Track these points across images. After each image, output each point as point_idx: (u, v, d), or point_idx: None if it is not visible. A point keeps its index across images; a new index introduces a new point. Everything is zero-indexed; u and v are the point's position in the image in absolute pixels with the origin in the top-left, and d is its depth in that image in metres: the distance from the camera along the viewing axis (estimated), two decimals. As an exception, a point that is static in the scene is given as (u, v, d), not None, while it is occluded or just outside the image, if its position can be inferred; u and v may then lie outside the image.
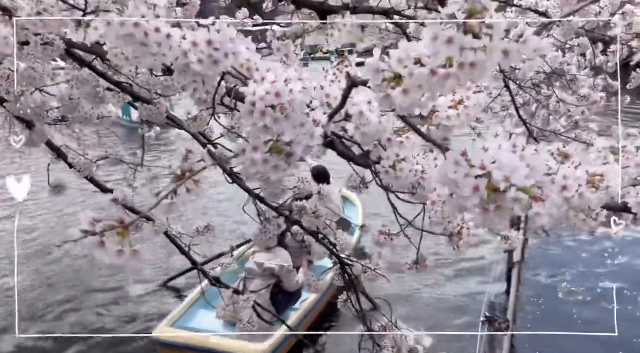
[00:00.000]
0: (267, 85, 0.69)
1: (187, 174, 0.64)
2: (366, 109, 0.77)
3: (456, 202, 0.56)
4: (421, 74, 0.57)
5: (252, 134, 0.70)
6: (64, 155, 1.85)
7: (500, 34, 0.54)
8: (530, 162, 0.61)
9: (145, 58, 0.67)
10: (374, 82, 0.61)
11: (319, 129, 0.74)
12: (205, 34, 0.69)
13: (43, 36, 1.41)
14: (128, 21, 0.63)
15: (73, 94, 1.61)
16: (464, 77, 0.55)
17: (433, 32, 0.55)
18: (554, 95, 2.31)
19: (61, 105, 1.63)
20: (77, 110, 1.68)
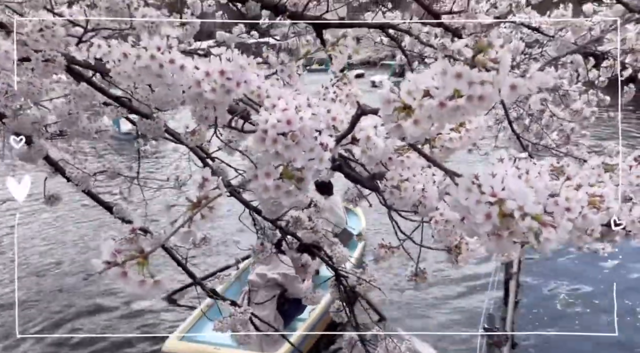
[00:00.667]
0: (279, 113, 0.71)
1: (203, 202, 0.65)
2: (373, 134, 0.79)
3: (468, 227, 0.58)
4: (430, 105, 0.59)
5: (264, 160, 0.72)
6: (62, 169, 1.85)
7: (506, 67, 0.57)
8: (534, 185, 0.63)
9: (160, 88, 0.69)
10: (384, 112, 0.63)
11: (327, 153, 0.76)
12: (218, 64, 0.71)
13: (44, 52, 1.42)
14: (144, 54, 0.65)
15: (71, 108, 1.61)
16: (472, 109, 0.58)
17: (442, 66, 0.58)
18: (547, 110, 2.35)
19: (59, 120, 1.64)
20: (75, 125, 1.68)
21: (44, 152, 1.67)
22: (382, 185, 0.89)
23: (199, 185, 0.69)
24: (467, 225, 0.57)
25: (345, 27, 2.87)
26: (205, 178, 0.67)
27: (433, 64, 0.60)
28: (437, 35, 2.72)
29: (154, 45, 0.68)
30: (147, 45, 0.68)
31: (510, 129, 2.11)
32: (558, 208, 0.60)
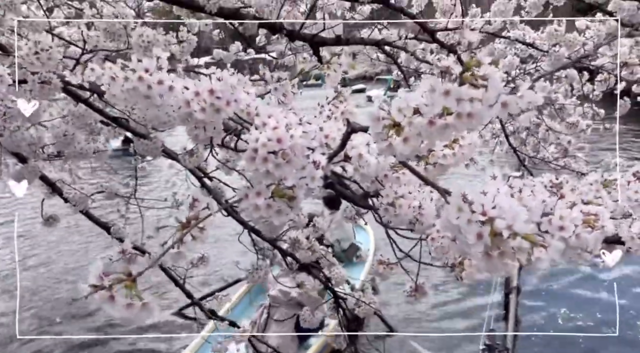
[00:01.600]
0: (269, 132, 0.70)
1: (193, 222, 0.64)
2: (365, 151, 0.78)
3: (460, 247, 0.57)
4: (420, 123, 0.59)
5: (254, 179, 0.71)
6: (59, 190, 1.85)
7: (496, 85, 0.56)
8: (527, 204, 0.63)
9: (149, 109, 0.69)
10: (374, 130, 0.63)
11: (319, 171, 0.75)
12: (207, 83, 0.71)
13: (40, 75, 1.43)
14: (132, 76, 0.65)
15: (68, 129, 1.61)
16: (462, 127, 0.57)
17: (430, 83, 0.57)
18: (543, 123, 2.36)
19: (56, 142, 1.64)
20: (71, 146, 1.68)
21: (37, 173, 1.66)
22: (378, 203, 0.89)
23: (189, 205, 0.68)
24: (458, 245, 0.56)
25: (341, 44, 2.91)
26: (195, 198, 0.67)
27: (422, 81, 0.60)
28: (433, 51, 2.74)
29: (141, 67, 0.68)
30: (135, 66, 0.68)
31: (507, 142, 2.11)
32: (552, 227, 0.59)
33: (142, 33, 1.45)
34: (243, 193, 0.71)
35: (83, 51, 1.44)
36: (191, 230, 0.64)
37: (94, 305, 0.54)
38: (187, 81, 0.73)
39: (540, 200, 0.62)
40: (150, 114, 0.72)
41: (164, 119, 0.77)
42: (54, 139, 1.61)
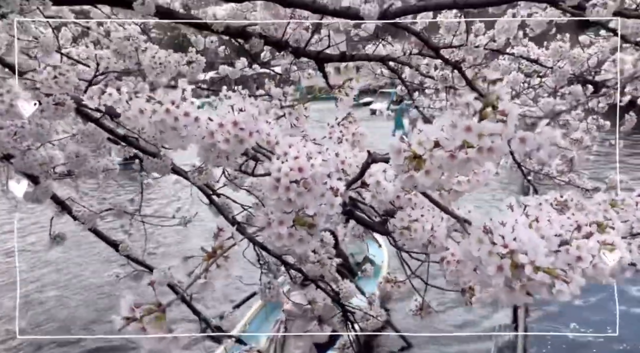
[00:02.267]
0: (291, 162, 0.72)
1: (218, 252, 0.66)
2: (382, 178, 0.80)
3: (481, 278, 0.59)
4: (441, 156, 0.61)
5: (276, 207, 0.73)
6: (69, 208, 1.87)
7: (514, 120, 0.58)
8: (545, 234, 0.64)
9: (174, 139, 0.71)
10: (395, 162, 0.64)
11: (338, 198, 0.77)
12: (231, 115, 0.73)
13: (54, 96, 1.45)
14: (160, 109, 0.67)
15: (80, 150, 1.63)
16: (483, 161, 0.59)
17: (452, 119, 0.59)
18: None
19: (67, 162, 1.66)
20: (82, 165, 1.70)
21: (50, 193, 1.68)
22: (392, 226, 0.90)
23: (214, 234, 0.70)
24: (479, 276, 0.57)
25: (346, 60, 2.94)
26: (220, 228, 0.68)
27: (442, 116, 0.62)
28: (437, 67, 2.78)
29: (168, 100, 0.70)
30: (162, 99, 0.70)
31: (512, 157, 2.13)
32: (569, 257, 0.60)
33: (154, 54, 1.47)
34: (265, 221, 0.73)
35: (95, 73, 1.47)
36: (217, 259, 0.65)
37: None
38: (211, 112, 0.75)
39: (557, 229, 0.63)
40: (174, 144, 0.74)
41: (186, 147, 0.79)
42: (66, 159, 1.62)
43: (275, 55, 3.24)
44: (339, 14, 2.20)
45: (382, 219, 0.86)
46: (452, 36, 2.33)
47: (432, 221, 0.93)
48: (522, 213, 0.66)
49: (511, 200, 0.69)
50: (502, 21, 2.24)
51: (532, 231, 0.59)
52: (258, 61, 3.02)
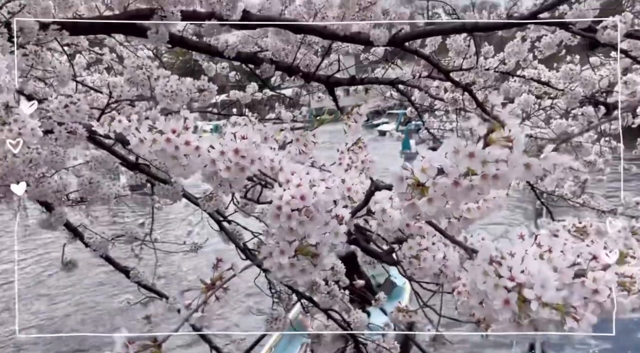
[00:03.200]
0: (293, 189, 0.71)
1: (218, 283, 0.65)
2: (388, 206, 0.79)
3: (487, 312, 0.56)
4: (444, 184, 0.59)
5: (278, 236, 0.72)
6: (81, 235, 1.87)
7: (521, 146, 0.57)
8: (558, 265, 0.62)
9: (175, 168, 0.70)
10: (397, 189, 0.63)
11: (342, 226, 0.75)
12: (232, 143, 0.72)
13: (67, 125, 1.47)
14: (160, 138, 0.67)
15: (93, 177, 1.65)
16: (487, 188, 0.57)
17: (454, 145, 0.58)
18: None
19: (80, 188, 1.67)
20: (96, 192, 1.72)
21: (64, 220, 1.69)
22: (401, 254, 0.88)
23: (213, 265, 0.69)
24: (486, 310, 0.55)
25: (356, 84, 2.95)
26: (219, 259, 0.67)
27: (445, 142, 0.61)
28: (447, 90, 2.77)
29: (169, 129, 0.70)
30: (162, 128, 0.70)
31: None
32: (585, 291, 0.58)
33: (166, 83, 1.49)
34: (267, 251, 0.71)
35: (109, 102, 1.49)
36: (216, 291, 0.64)
37: None
38: (213, 140, 0.74)
39: (571, 259, 0.61)
40: (176, 172, 0.73)
41: (188, 176, 0.78)
42: (79, 185, 1.64)
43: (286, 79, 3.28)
44: (349, 39, 2.22)
45: (389, 248, 0.84)
46: (462, 59, 2.33)
47: (444, 250, 0.90)
48: (534, 243, 0.63)
49: (522, 229, 0.67)
50: (512, 44, 2.24)
51: (543, 263, 0.57)
52: (268, 85, 3.05)
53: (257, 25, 2.21)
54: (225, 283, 0.65)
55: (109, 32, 2.39)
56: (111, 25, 2.20)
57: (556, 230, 1.03)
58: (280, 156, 0.87)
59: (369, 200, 0.74)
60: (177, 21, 2.10)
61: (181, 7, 2.10)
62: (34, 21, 1.79)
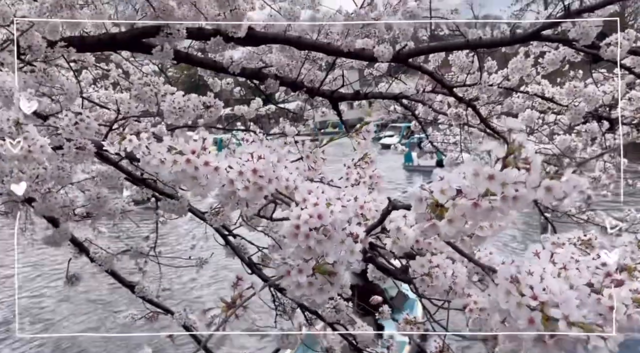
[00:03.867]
0: (310, 208, 0.72)
1: (238, 301, 0.65)
2: (403, 224, 0.79)
3: (510, 330, 0.57)
4: (464, 205, 0.60)
5: (296, 255, 0.72)
6: (87, 250, 1.87)
7: (538, 168, 0.57)
8: (575, 283, 0.62)
9: (195, 188, 0.71)
10: (417, 210, 0.64)
11: (358, 244, 0.76)
12: (250, 163, 0.73)
13: (76, 141, 1.48)
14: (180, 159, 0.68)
15: (100, 192, 1.65)
16: (507, 210, 0.58)
17: (474, 168, 0.59)
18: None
19: (87, 204, 1.67)
20: (102, 207, 1.72)
21: (69, 235, 1.69)
22: (412, 272, 0.88)
23: (233, 284, 0.69)
24: (509, 329, 0.55)
25: (360, 99, 2.97)
26: (240, 277, 0.67)
27: (463, 164, 0.62)
28: (450, 105, 2.79)
29: (189, 150, 0.70)
30: (182, 149, 0.71)
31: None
32: (601, 308, 0.58)
33: (173, 100, 1.51)
34: (285, 270, 0.72)
35: (116, 118, 1.50)
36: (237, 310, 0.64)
37: None
38: (231, 160, 0.75)
39: (587, 277, 0.61)
40: (195, 192, 0.74)
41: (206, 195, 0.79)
42: (87, 201, 1.64)
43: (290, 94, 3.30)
44: (353, 55, 2.25)
45: (404, 266, 0.85)
46: (465, 74, 2.35)
47: (453, 266, 0.91)
48: (550, 260, 0.64)
49: (537, 246, 0.68)
50: (515, 60, 2.27)
51: (561, 281, 0.57)
52: (272, 101, 3.07)
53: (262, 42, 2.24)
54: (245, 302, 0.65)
55: (115, 49, 2.41)
56: (117, 42, 2.23)
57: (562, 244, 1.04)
58: (295, 175, 0.88)
59: (385, 218, 0.75)
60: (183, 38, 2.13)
61: (187, 24, 2.13)
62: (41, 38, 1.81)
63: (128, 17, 2.11)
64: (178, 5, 2.05)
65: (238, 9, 2.01)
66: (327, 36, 2.35)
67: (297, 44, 2.28)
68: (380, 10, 2.33)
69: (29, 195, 1.70)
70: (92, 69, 3.14)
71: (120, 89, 3.09)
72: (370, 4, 2.30)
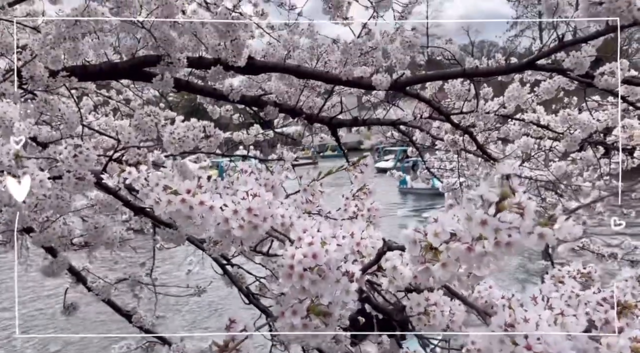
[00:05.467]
0: (305, 248, 0.72)
1: (230, 344, 0.64)
2: (399, 263, 0.79)
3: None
4: (458, 249, 0.60)
5: (291, 295, 0.72)
6: (84, 279, 1.86)
7: (531, 214, 0.58)
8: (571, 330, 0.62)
9: (189, 227, 0.71)
10: (411, 252, 0.64)
11: (354, 284, 0.76)
12: (245, 202, 0.73)
13: (75, 172, 1.49)
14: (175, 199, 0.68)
15: (99, 221, 1.65)
16: (501, 255, 0.58)
17: (467, 212, 0.59)
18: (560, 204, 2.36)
19: (86, 233, 1.67)
20: (100, 237, 1.72)
21: (66, 265, 1.69)
22: (408, 310, 0.88)
23: (226, 326, 0.69)
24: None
25: (358, 125, 2.99)
26: (233, 320, 0.67)
27: (456, 207, 0.62)
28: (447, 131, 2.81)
29: (184, 189, 0.71)
30: (178, 188, 0.71)
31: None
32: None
33: (173, 130, 1.52)
34: (279, 311, 0.71)
35: (116, 148, 1.51)
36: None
37: None
38: (226, 199, 0.75)
39: (585, 326, 0.61)
40: (189, 230, 0.74)
41: (200, 234, 0.79)
42: (85, 230, 1.64)
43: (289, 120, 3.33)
44: (351, 84, 2.28)
45: (400, 306, 0.84)
46: (462, 101, 2.37)
47: (450, 304, 0.90)
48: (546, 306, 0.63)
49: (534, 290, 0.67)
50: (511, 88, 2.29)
51: (557, 329, 0.57)
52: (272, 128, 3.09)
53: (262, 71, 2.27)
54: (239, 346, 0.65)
55: (116, 78, 2.44)
56: (119, 71, 2.26)
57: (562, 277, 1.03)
58: (292, 211, 0.88)
59: (380, 258, 0.75)
60: (183, 67, 2.16)
61: (187, 53, 2.17)
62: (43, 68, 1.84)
63: (129, 47, 2.14)
64: (179, 35, 2.08)
65: (239, 39, 2.05)
66: (326, 64, 2.39)
67: (296, 72, 2.31)
68: (378, 39, 2.37)
69: (27, 225, 1.70)
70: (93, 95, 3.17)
71: (121, 115, 3.12)
72: (368, 34, 2.34)
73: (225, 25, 1.94)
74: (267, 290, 1.86)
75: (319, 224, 0.78)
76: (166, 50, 2.05)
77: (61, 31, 1.75)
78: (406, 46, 2.21)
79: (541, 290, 0.68)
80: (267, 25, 2.76)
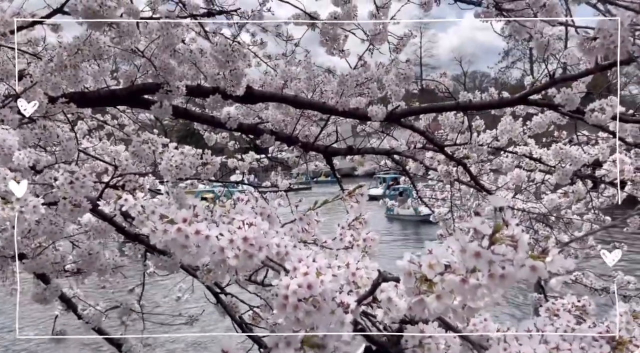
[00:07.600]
0: (300, 278, 0.72)
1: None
2: (394, 295, 0.79)
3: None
4: (452, 281, 0.60)
5: (285, 326, 0.72)
6: (74, 306, 1.83)
7: (525, 247, 0.59)
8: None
9: (185, 257, 0.72)
10: (406, 284, 0.64)
11: (349, 315, 0.75)
12: (241, 231, 0.74)
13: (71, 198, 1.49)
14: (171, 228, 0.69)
15: (93, 248, 1.64)
16: (495, 287, 0.59)
17: (461, 244, 0.60)
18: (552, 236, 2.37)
19: (78, 260, 1.66)
20: (94, 263, 1.70)
21: (59, 292, 1.67)
22: (404, 342, 0.87)
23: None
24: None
25: (353, 154, 3.02)
26: (226, 350, 0.67)
27: (450, 239, 0.63)
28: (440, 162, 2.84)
29: (180, 218, 0.71)
30: (174, 217, 0.72)
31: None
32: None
33: (170, 157, 1.53)
34: (273, 342, 0.71)
35: (113, 175, 1.52)
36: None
37: None
38: (222, 228, 0.76)
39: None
40: (185, 260, 0.74)
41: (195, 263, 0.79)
42: (78, 257, 1.63)
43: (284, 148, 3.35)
44: (348, 114, 2.31)
45: (395, 339, 0.84)
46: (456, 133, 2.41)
47: (446, 336, 0.90)
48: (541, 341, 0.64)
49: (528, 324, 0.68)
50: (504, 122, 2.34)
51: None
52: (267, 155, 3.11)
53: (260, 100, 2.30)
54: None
55: (115, 104, 2.46)
56: (117, 98, 2.28)
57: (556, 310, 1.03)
58: (287, 240, 0.88)
59: (375, 290, 0.75)
60: (182, 95, 2.18)
61: (186, 82, 2.20)
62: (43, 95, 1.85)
63: (128, 74, 2.18)
64: (178, 64, 2.12)
65: (237, 69, 2.08)
66: (322, 95, 2.43)
67: (294, 102, 2.35)
68: (373, 70, 2.42)
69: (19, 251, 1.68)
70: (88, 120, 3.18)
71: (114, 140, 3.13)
72: (364, 65, 2.39)
73: (224, 55, 1.98)
74: (260, 319, 1.84)
75: (314, 254, 0.78)
76: (165, 79, 2.08)
77: (62, 59, 1.77)
78: (401, 78, 2.26)
79: (536, 323, 0.68)
80: (263, 54, 2.81)
